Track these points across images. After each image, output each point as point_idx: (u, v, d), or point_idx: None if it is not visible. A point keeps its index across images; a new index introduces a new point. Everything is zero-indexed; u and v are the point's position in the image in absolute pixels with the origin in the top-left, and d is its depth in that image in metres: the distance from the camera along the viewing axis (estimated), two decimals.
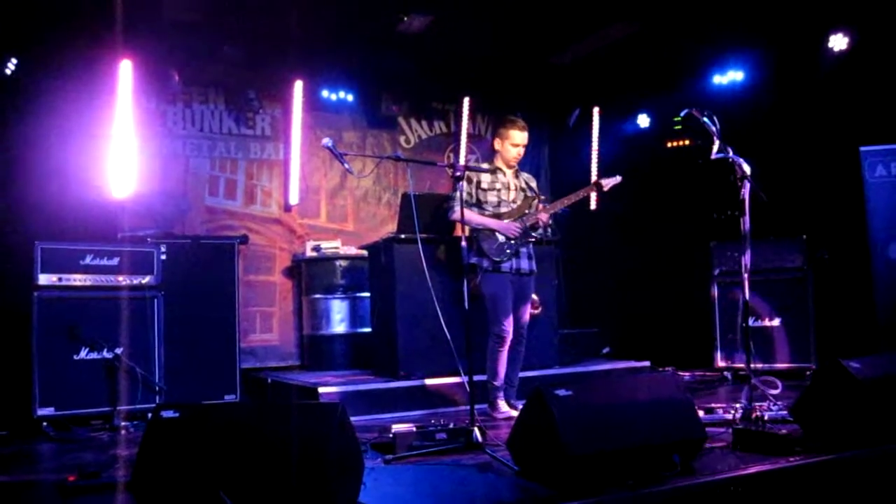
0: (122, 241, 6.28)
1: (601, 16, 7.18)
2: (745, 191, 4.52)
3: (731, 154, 4.53)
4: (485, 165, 5.39)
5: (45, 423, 5.18)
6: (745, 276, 4.66)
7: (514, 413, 4.91)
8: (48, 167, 6.20)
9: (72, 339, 5.38)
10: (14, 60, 6.27)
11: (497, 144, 5.30)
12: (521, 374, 5.37)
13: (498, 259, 5.10)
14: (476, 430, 4.11)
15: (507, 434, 3.76)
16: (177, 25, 6.84)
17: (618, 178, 5.42)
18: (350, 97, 8.29)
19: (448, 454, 4.04)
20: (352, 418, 3.27)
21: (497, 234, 5.15)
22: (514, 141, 5.20)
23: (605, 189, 5.38)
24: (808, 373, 6.52)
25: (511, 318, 5.14)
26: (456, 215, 4.98)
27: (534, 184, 5.47)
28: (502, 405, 5.21)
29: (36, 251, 5.38)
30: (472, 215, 5.11)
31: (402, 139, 8.68)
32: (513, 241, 5.15)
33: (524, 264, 5.24)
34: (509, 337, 5.12)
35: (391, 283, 6.06)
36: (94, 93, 6.64)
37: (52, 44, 6.31)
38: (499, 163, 5.30)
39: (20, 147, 6.11)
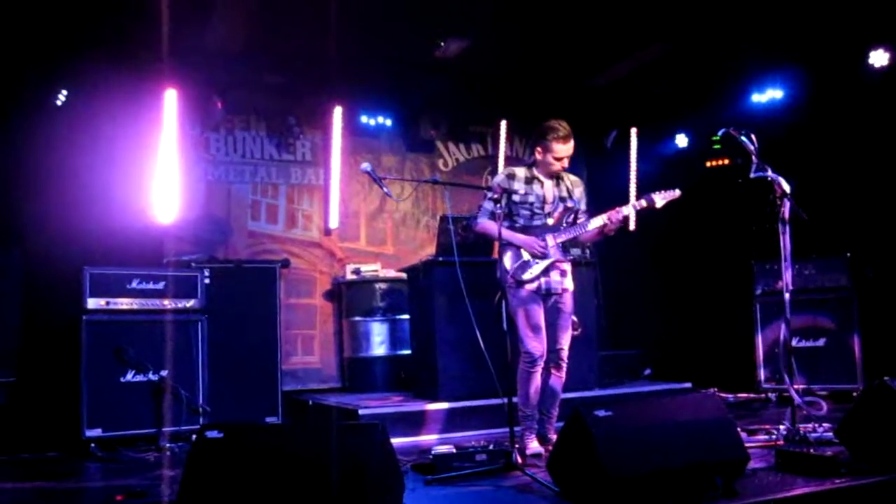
0: (166, 265, 6.41)
1: (638, 37, 7.19)
2: (786, 209, 4.49)
3: (769, 173, 4.50)
4: (521, 170, 4.85)
5: (93, 444, 5.29)
6: (787, 295, 4.63)
7: (545, 452, 4.55)
8: (95, 194, 6.37)
9: (119, 361, 5.50)
10: (64, 91, 6.48)
11: (538, 154, 4.79)
12: (561, 396, 4.92)
13: (519, 278, 4.67)
14: (516, 451, 4.11)
15: (548, 456, 3.76)
16: (219, 54, 7.01)
17: (676, 193, 4.76)
18: (388, 122, 8.39)
19: (488, 476, 4.04)
20: (392, 440, 3.30)
21: (521, 250, 4.73)
22: (557, 154, 4.71)
23: (659, 206, 4.74)
24: (854, 394, 6.39)
25: (542, 337, 4.67)
26: (478, 227, 4.84)
27: (579, 190, 4.93)
28: (532, 443, 4.70)
29: (84, 276, 5.52)
30: (493, 228, 4.65)
31: (440, 162, 8.75)
32: (537, 260, 4.71)
33: (555, 283, 4.74)
34: (540, 357, 4.65)
35: (430, 305, 6.09)
36: (139, 121, 6.82)
37: (100, 74, 6.49)
38: (538, 172, 4.82)
39: (69, 175, 6.28)
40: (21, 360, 6.01)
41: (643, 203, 4.76)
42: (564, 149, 4.71)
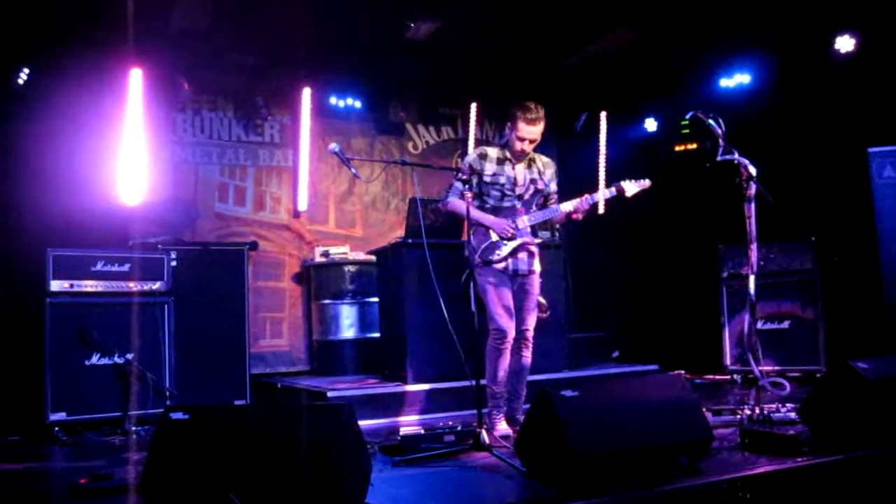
0: (132, 247, 6.33)
1: (607, 20, 7.20)
2: (751, 192, 4.54)
3: (736, 156, 4.54)
4: (493, 151, 4.82)
5: (56, 428, 5.23)
6: (752, 277, 4.68)
7: (513, 433, 4.53)
8: (59, 175, 6.26)
9: (83, 344, 5.44)
10: (26, 70, 6.34)
11: (507, 130, 4.79)
12: (530, 378, 4.98)
13: (487, 258, 4.68)
14: (484, 432, 4.12)
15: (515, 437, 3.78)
16: (185, 34, 6.90)
17: (647, 183, 4.83)
18: (358, 104, 8.33)
19: (456, 456, 4.06)
20: (361, 422, 3.30)
21: (490, 231, 4.73)
22: (521, 134, 4.67)
23: (628, 195, 4.80)
24: (817, 375, 6.50)
25: (511, 314, 4.69)
26: (447, 205, 4.83)
27: (550, 171, 4.91)
28: (500, 424, 4.73)
29: (48, 258, 5.45)
30: (462, 207, 4.60)
31: (409, 145, 8.72)
32: (505, 241, 4.72)
33: (522, 264, 4.76)
34: (510, 335, 4.67)
35: (399, 288, 6.09)
36: (104, 101, 6.70)
37: (63, 53, 6.39)
38: (509, 153, 4.79)
39: (32, 155, 6.17)
40: None
41: (613, 191, 4.83)
42: (529, 130, 4.68)
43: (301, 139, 7.95)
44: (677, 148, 8.47)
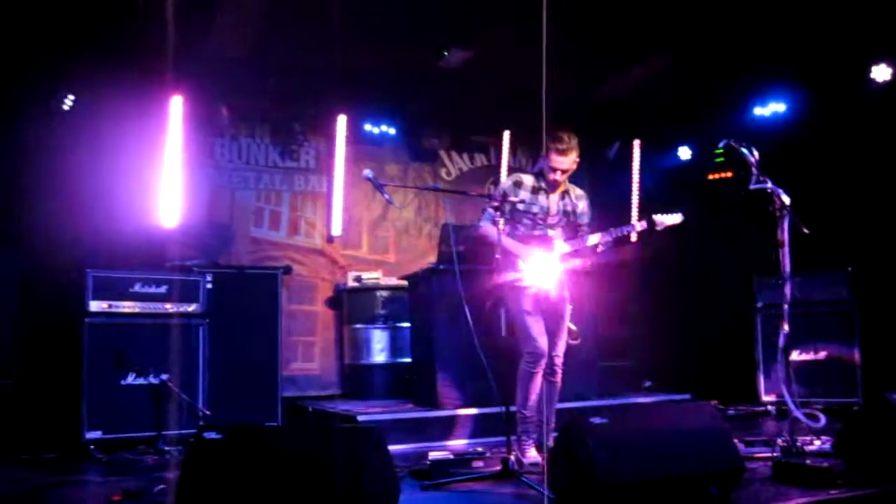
0: (169, 269, 6.44)
1: (642, 49, 7.22)
2: (786, 222, 4.51)
3: (769, 185, 4.52)
4: (528, 179, 4.86)
5: (92, 447, 5.30)
6: (786, 307, 4.63)
7: (542, 460, 4.45)
8: (100, 198, 6.41)
9: (119, 364, 5.52)
10: (71, 97, 6.52)
11: (541, 160, 4.86)
12: (559, 406, 4.98)
13: (514, 285, 4.69)
14: (513, 458, 4.12)
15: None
16: (225, 61, 7.05)
17: (678, 217, 4.88)
18: (392, 130, 8.43)
19: (484, 482, 4.05)
20: (391, 447, 3.33)
21: (519, 259, 4.76)
22: (553, 164, 4.72)
23: (659, 228, 4.85)
24: (854, 407, 6.39)
25: (544, 338, 4.69)
26: (479, 230, 4.86)
27: (583, 203, 4.95)
28: (530, 451, 4.70)
29: (88, 278, 5.56)
30: (493, 233, 4.58)
31: (443, 172, 8.78)
32: (534, 269, 4.73)
33: (552, 291, 4.78)
34: (543, 359, 4.68)
35: (431, 313, 6.11)
36: (145, 126, 6.87)
37: (106, 79, 6.54)
38: (545, 183, 4.83)
39: (74, 178, 6.31)
40: (21, 362, 6.02)
41: (644, 224, 4.87)
42: (560, 161, 4.72)
43: (336, 165, 8.06)
44: (711, 176, 8.43)
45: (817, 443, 4.64)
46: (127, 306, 5.69)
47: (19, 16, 5.82)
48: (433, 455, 4.20)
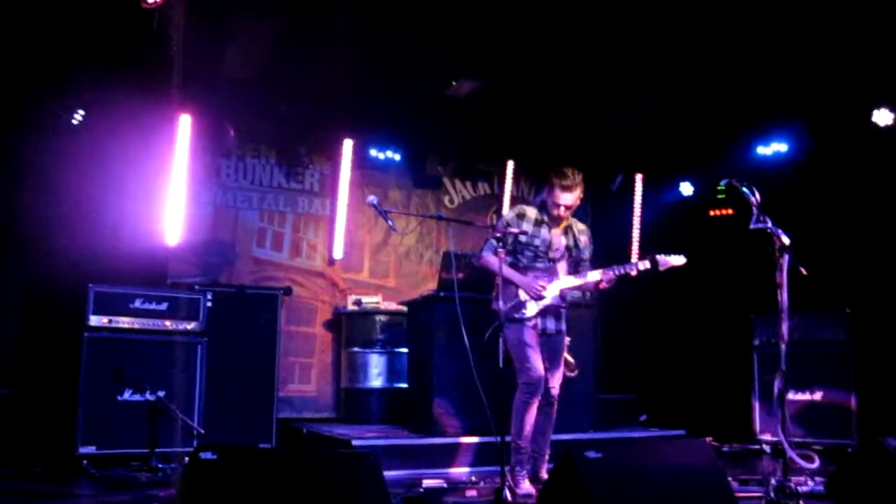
0: (170, 287, 6.47)
1: (647, 85, 7.30)
2: (784, 262, 4.54)
3: (769, 225, 4.55)
4: (532, 211, 4.89)
5: (85, 461, 5.31)
6: (783, 346, 4.65)
7: (535, 492, 4.49)
8: (104, 213, 6.47)
9: (117, 380, 5.54)
10: (81, 112, 6.59)
11: (545, 194, 4.87)
12: (555, 437, 4.99)
13: (513, 316, 4.73)
14: (507, 489, 4.12)
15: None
16: (234, 82, 7.13)
17: (681, 259, 4.88)
18: (397, 157, 8.50)
19: None
20: (385, 472, 3.32)
21: (519, 290, 4.79)
22: (558, 200, 4.75)
23: (662, 269, 4.83)
24: (848, 449, 6.38)
25: (540, 368, 4.71)
26: (480, 260, 4.88)
27: (585, 238, 5.00)
28: (524, 483, 4.67)
29: (89, 293, 5.60)
30: (495, 263, 4.56)
31: (446, 199, 8.84)
32: (533, 302, 4.77)
33: (550, 324, 4.85)
34: (539, 389, 4.69)
35: (429, 339, 6.12)
36: (152, 144, 6.94)
37: (116, 97, 6.61)
38: (547, 216, 4.87)
39: (81, 193, 6.38)
40: (20, 373, 6.04)
41: (647, 264, 4.83)
42: (565, 197, 4.76)
43: (340, 189, 8.12)
44: (712, 213, 8.49)
45: (811, 483, 4.65)
46: (127, 322, 5.71)
47: (33, 32, 5.89)
48: (427, 483, 4.22)
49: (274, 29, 6.39)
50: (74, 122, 6.59)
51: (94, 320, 5.59)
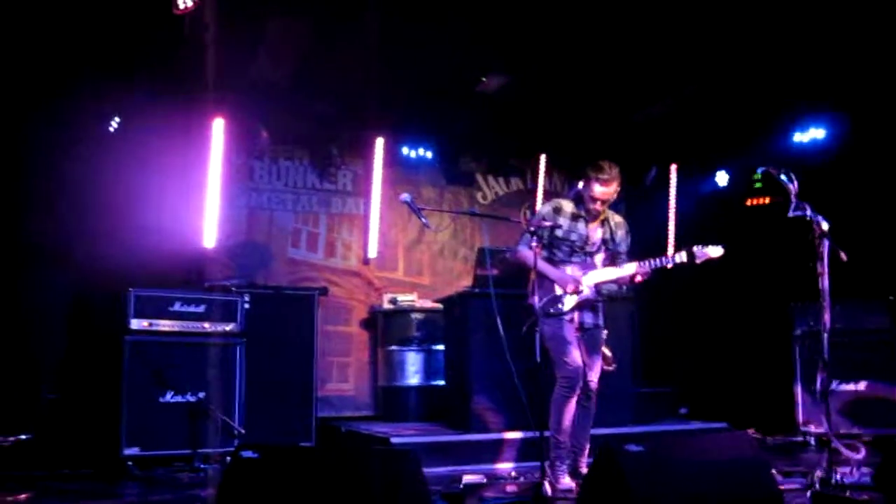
0: (208, 289, 6.54)
1: (680, 75, 7.22)
2: (825, 249, 4.46)
3: (808, 212, 4.48)
4: (568, 205, 4.86)
5: (130, 463, 5.38)
6: (825, 336, 4.57)
7: (576, 487, 4.49)
8: (143, 218, 6.56)
9: (158, 382, 5.61)
10: (117, 118, 6.69)
11: (582, 188, 4.81)
12: (594, 432, 4.94)
13: (549, 311, 4.72)
14: (546, 483, 4.10)
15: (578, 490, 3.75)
16: (265, 85, 7.19)
17: (719, 250, 4.73)
18: (429, 154, 8.51)
19: None
20: (424, 469, 3.33)
21: (555, 285, 4.77)
22: (595, 194, 4.71)
23: (699, 261, 4.69)
24: (894, 439, 6.26)
25: (579, 363, 4.69)
26: (516, 254, 4.85)
27: (622, 231, 4.95)
28: (564, 478, 4.64)
29: (129, 297, 5.67)
30: (530, 258, 4.58)
31: (479, 195, 8.83)
32: (568, 296, 4.74)
33: (587, 318, 4.82)
34: (578, 384, 4.68)
35: (465, 336, 6.13)
36: (187, 148, 7.03)
37: (151, 103, 6.70)
38: (583, 210, 4.84)
39: (118, 199, 6.47)
40: (65, 378, 6.15)
41: (683, 256, 4.71)
42: (602, 191, 4.72)
43: (373, 188, 8.15)
44: (749, 202, 8.37)
45: (856, 475, 4.56)
46: (166, 325, 5.78)
47: (66, 41, 5.99)
48: (466, 479, 4.22)
49: (303, 30, 6.43)
50: (111, 129, 6.70)
51: (135, 324, 5.66)
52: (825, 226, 4.45)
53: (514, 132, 8.49)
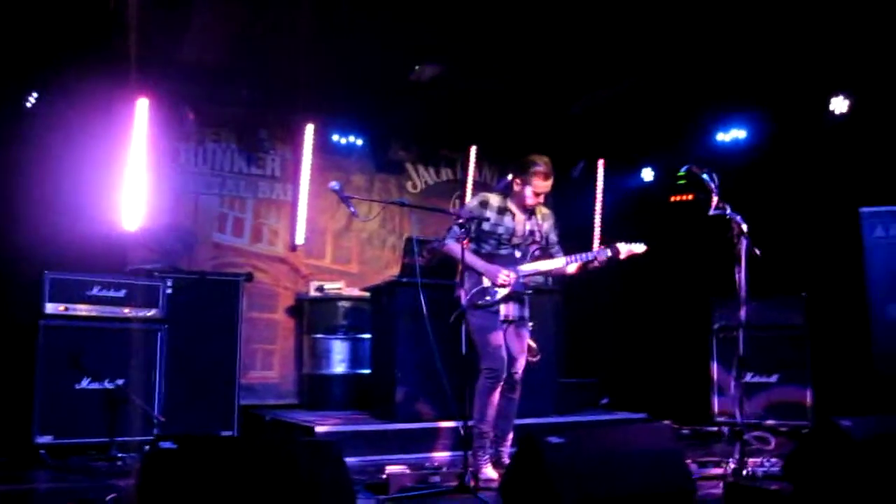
0: (129, 273, 6.37)
1: (608, 72, 7.34)
2: (742, 247, 4.61)
3: (728, 211, 4.62)
4: (495, 199, 4.89)
5: (42, 451, 5.22)
6: (741, 331, 4.73)
7: (498, 477, 4.54)
8: (61, 198, 6.33)
9: (74, 368, 5.45)
10: (35, 94, 6.44)
11: (516, 186, 4.84)
12: (518, 422, 5.02)
13: (477, 303, 4.73)
14: (469, 474, 4.14)
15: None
16: (193, 66, 7.02)
17: (642, 247, 4.94)
18: (359, 142, 8.45)
19: (441, 497, 4.07)
20: (347, 459, 3.32)
21: (483, 276, 4.79)
22: (537, 189, 4.77)
23: (622, 257, 4.86)
24: (803, 431, 6.52)
25: (503, 354, 4.73)
26: (444, 247, 4.87)
27: (549, 223, 5.01)
28: (486, 468, 4.70)
29: (45, 280, 5.49)
30: (457, 251, 4.68)
31: (409, 184, 8.82)
32: (496, 288, 4.77)
33: (513, 311, 4.84)
34: (502, 375, 4.71)
35: (391, 325, 6.13)
36: (109, 128, 6.80)
37: (72, 79, 6.48)
38: (511, 204, 4.88)
39: (35, 177, 6.24)
40: None
41: (608, 252, 4.86)
42: (544, 185, 4.79)
43: (302, 174, 8.05)
44: (673, 199, 8.56)
45: (767, 465, 4.74)
46: (84, 309, 5.62)
47: None
48: (390, 469, 4.22)
49: (234, 12, 6.30)
50: (28, 104, 6.44)
51: (51, 308, 5.49)
52: (744, 226, 4.60)
53: (445, 122, 8.50)
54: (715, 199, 4.64)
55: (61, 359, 5.43)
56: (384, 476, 4.16)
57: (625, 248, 4.88)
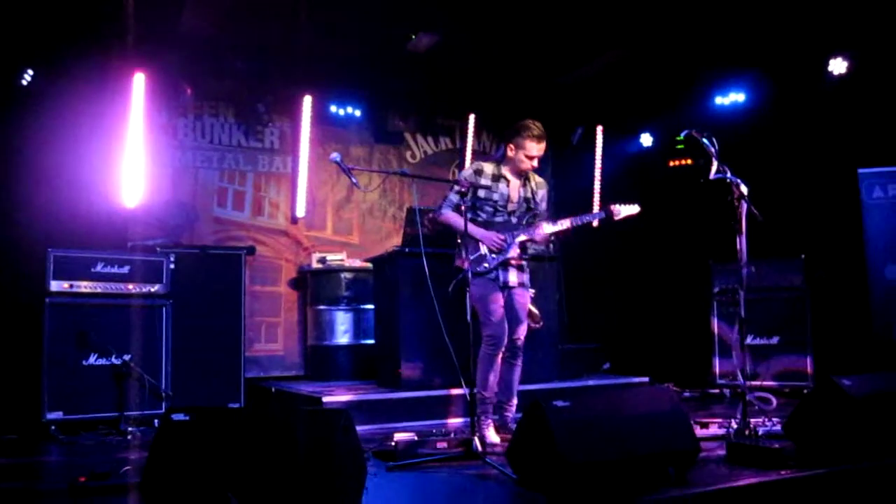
0: (132, 250, 6.39)
1: (606, 37, 7.31)
2: (743, 210, 4.63)
3: (728, 174, 4.63)
4: (489, 167, 4.92)
5: (53, 427, 5.28)
6: (742, 293, 4.77)
7: (501, 440, 4.68)
8: (61, 176, 6.34)
9: (81, 344, 5.50)
10: (30, 71, 6.41)
11: (510, 151, 4.87)
12: (522, 388, 5.10)
13: (476, 270, 4.77)
14: (476, 439, 4.20)
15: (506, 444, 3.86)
16: (190, 39, 6.98)
17: (636, 208, 5.02)
18: (358, 112, 8.43)
19: (448, 463, 4.13)
20: (355, 427, 3.37)
21: (480, 244, 4.85)
22: (530, 152, 4.81)
23: (617, 218, 4.96)
24: (804, 390, 6.59)
25: (504, 321, 4.80)
26: (441, 216, 4.92)
27: (543, 191, 5.04)
28: (488, 431, 4.79)
29: (49, 258, 5.51)
30: (456, 220, 4.76)
31: (408, 154, 8.81)
32: (494, 255, 4.84)
33: (511, 277, 4.89)
34: (503, 342, 4.79)
35: (395, 295, 6.16)
36: (107, 104, 6.77)
37: (67, 55, 6.45)
38: (505, 170, 4.92)
39: (34, 156, 6.24)
40: None
41: (602, 214, 4.99)
42: (537, 148, 4.83)
43: (301, 146, 8.04)
44: (672, 163, 8.58)
45: (769, 424, 4.82)
46: (88, 286, 5.65)
47: None
48: (398, 436, 4.27)
49: None
50: (24, 82, 6.42)
51: (55, 285, 5.52)
52: (744, 188, 4.62)
53: (443, 92, 8.48)
54: (715, 163, 4.65)
55: (68, 336, 5.48)
56: (392, 443, 4.22)
57: (618, 210, 4.97)
